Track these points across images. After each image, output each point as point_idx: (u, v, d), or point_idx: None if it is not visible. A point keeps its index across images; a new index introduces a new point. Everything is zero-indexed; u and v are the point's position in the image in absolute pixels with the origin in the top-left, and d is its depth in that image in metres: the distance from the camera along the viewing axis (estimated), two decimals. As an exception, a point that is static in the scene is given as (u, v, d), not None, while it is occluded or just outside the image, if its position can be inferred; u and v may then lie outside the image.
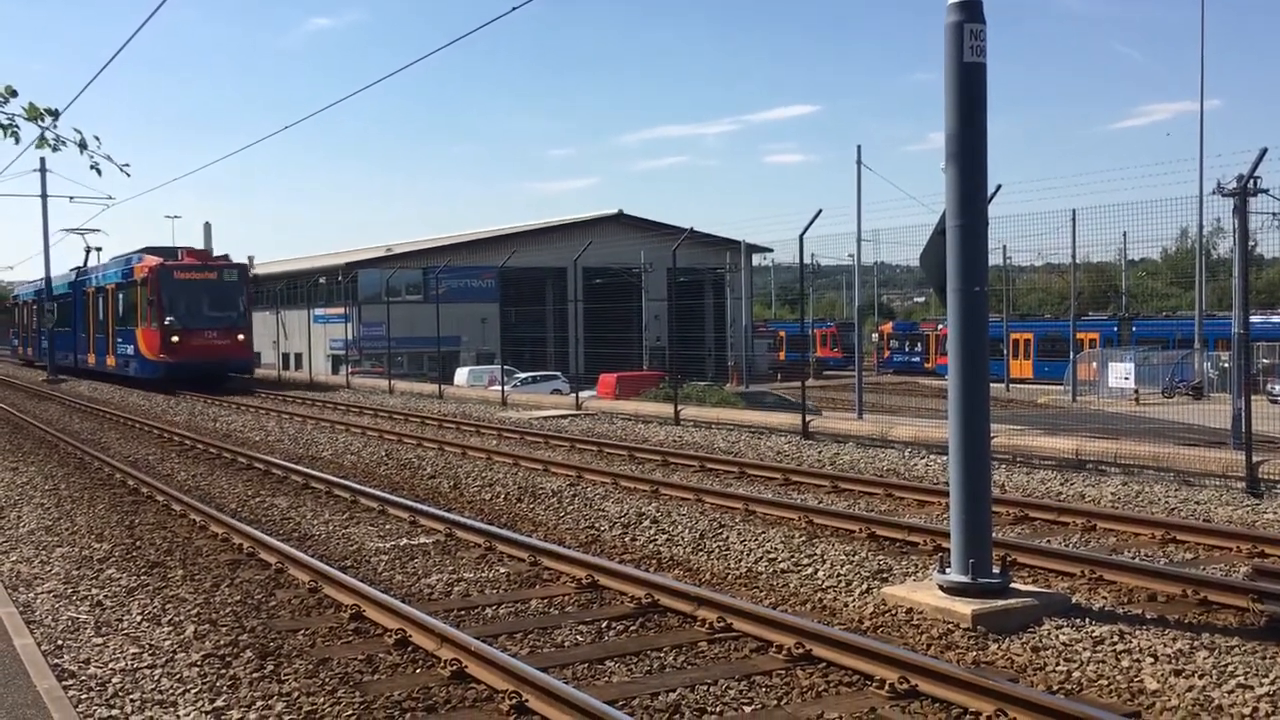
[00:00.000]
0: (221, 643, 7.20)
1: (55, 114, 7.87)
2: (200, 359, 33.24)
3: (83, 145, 8.01)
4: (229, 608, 8.14)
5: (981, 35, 7.55)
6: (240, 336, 34.18)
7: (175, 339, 33.11)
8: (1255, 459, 12.47)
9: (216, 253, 39.77)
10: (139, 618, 7.91)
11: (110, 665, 6.86)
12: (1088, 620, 7.28)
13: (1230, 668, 6.36)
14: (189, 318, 33.58)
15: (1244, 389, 13.53)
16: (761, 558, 9.45)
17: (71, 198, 59.42)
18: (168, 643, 7.26)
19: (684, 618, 7.62)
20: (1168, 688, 6.16)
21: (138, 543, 10.71)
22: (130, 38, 33.73)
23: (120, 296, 37.24)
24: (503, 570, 9.25)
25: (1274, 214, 16.75)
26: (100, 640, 7.39)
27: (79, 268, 46.70)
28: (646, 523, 11.07)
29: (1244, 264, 14.64)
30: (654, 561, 9.60)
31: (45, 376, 43.26)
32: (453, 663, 6.57)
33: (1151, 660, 6.53)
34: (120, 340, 37.10)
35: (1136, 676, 6.34)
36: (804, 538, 10.01)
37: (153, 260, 34.81)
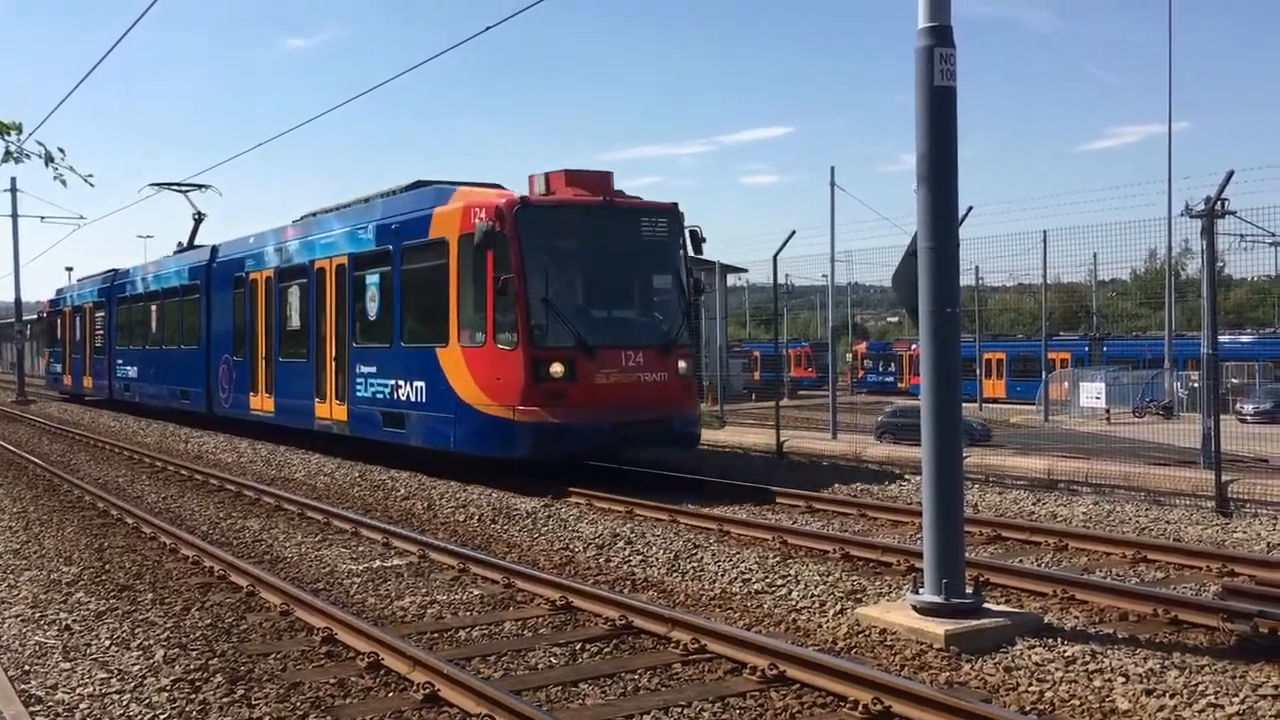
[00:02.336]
0: (191, 667, 7.13)
1: (19, 128, 7.87)
2: (615, 416, 14.81)
3: (48, 159, 8.00)
4: (199, 631, 8.06)
5: (951, 59, 7.62)
6: (681, 364, 15.76)
7: (560, 371, 14.65)
8: (1224, 478, 12.59)
9: None
10: (108, 642, 7.83)
11: (78, 691, 6.78)
12: (1060, 640, 7.31)
13: (1201, 687, 6.40)
14: (588, 322, 15.21)
15: (1213, 409, 13.65)
16: (736, 578, 9.44)
17: (43, 217, 59.07)
18: (137, 668, 7.18)
19: (658, 639, 7.60)
20: (1139, 707, 6.20)
21: (107, 566, 10.61)
22: (103, 56, 33.13)
23: (390, 281, 17.33)
24: (476, 592, 9.21)
25: (1241, 235, 16.93)
26: (68, 665, 7.31)
27: (183, 247, 31.31)
28: (621, 544, 11.05)
29: (1212, 285, 14.76)
30: (628, 583, 9.59)
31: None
32: (425, 686, 6.53)
33: (1123, 680, 6.57)
34: (398, 375, 17.01)
35: (1108, 696, 6.37)
36: (778, 558, 10.02)
37: (488, 196, 15.60)
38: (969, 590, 7.64)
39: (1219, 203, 14.28)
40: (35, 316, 48.63)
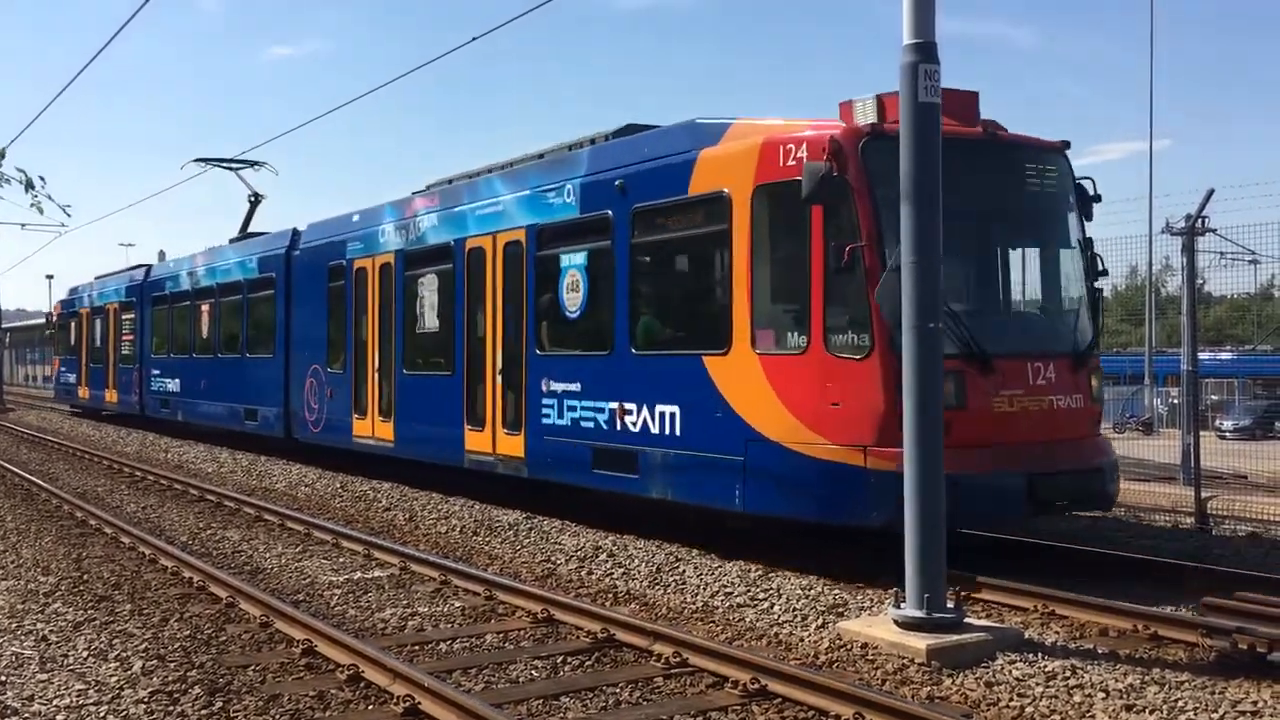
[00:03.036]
0: (170, 679, 7.07)
1: (2, 154, 7.85)
2: (1029, 464, 9.56)
3: (28, 185, 7.97)
4: (178, 643, 8.01)
5: (935, 76, 7.66)
6: (1094, 382, 10.46)
7: (949, 391, 8.90)
8: (1204, 494, 12.65)
9: None
10: (85, 653, 7.76)
11: (55, 702, 6.71)
12: (1040, 655, 7.34)
13: (1180, 703, 6.43)
14: (977, 318, 10.14)
15: (1194, 425, 13.73)
16: (718, 592, 9.43)
17: (24, 225, 58.58)
18: (114, 679, 7.12)
19: (640, 653, 7.59)
20: (1119, 723, 6.21)
21: (85, 576, 10.53)
22: (86, 65, 32.92)
23: (608, 260, 12.37)
24: (458, 604, 9.18)
25: (1221, 253, 17.05)
26: (45, 676, 7.24)
27: (241, 235, 25.53)
28: (603, 556, 11.03)
29: (1192, 302, 14.87)
30: (610, 595, 9.57)
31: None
32: (406, 699, 6.49)
33: (1103, 695, 6.59)
34: (624, 395, 11.95)
35: (1088, 712, 6.39)
36: (760, 571, 10.01)
37: (794, 128, 10.21)
38: (950, 605, 7.64)
39: (1199, 220, 14.40)
40: (45, 320, 43.53)
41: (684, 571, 10.20)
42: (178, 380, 26.11)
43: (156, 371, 27.52)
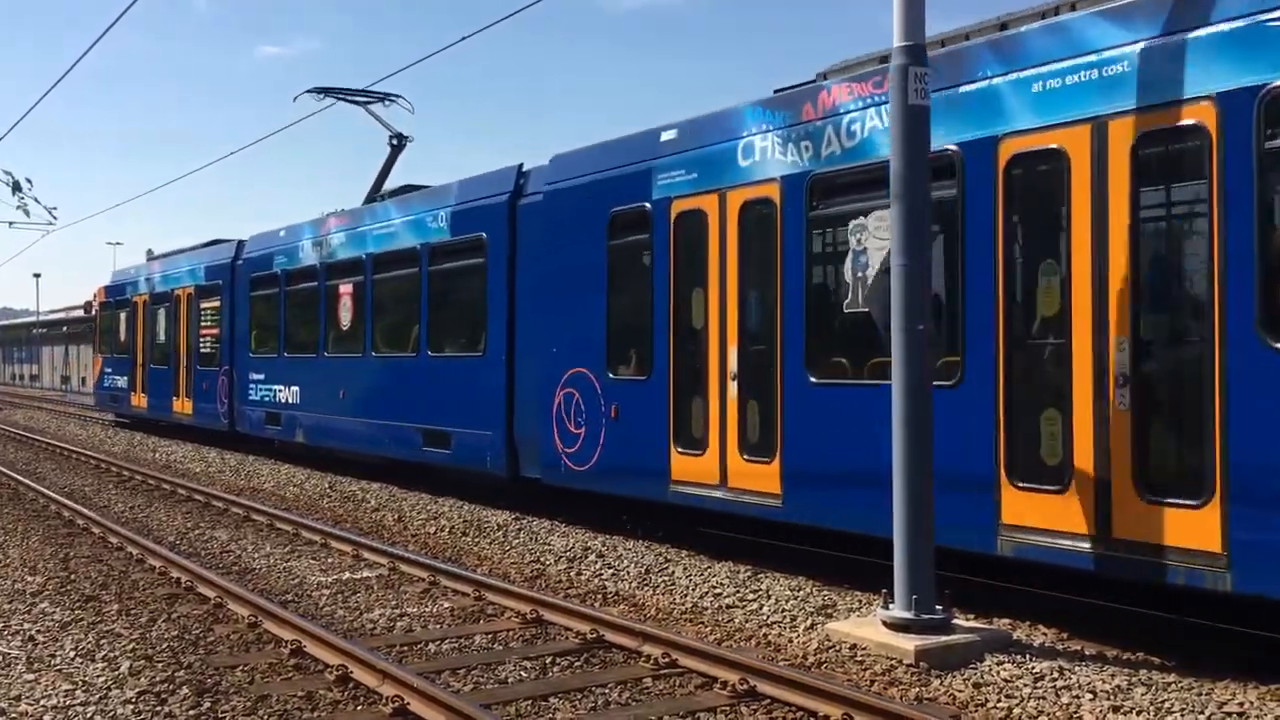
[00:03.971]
0: (157, 679, 7.06)
1: None
2: None
3: (15, 187, 7.91)
4: (166, 643, 7.99)
5: (925, 79, 7.68)
6: None
7: None
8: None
9: None
10: (72, 653, 7.74)
11: (42, 703, 6.69)
12: (1028, 656, 7.36)
13: (1167, 704, 6.46)
14: None
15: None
16: (707, 593, 9.45)
17: (11, 223, 58.35)
18: (102, 679, 7.10)
19: (629, 654, 7.59)
20: (1106, 724, 6.22)
21: (72, 576, 10.49)
22: (75, 63, 32.73)
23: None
24: (446, 605, 9.18)
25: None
26: (32, 676, 7.22)
27: (378, 192, 19.67)
28: (592, 557, 11.04)
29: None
30: (599, 596, 9.57)
31: None
32: (395, 699, 6.49)
33: (1090, 696, 6.61)
34: None
35: (1076, 713, 6.41)
36: (749, 572, 10.03)
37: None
38: (939, 606, 7.66)
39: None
40: (81, 312, 35.43)
41: (673, 572, 10.21)
42: (294, 388, 19.54)
43: (258, 376, 20.97)
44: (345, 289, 18.03)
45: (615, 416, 11.89)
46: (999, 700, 6.63)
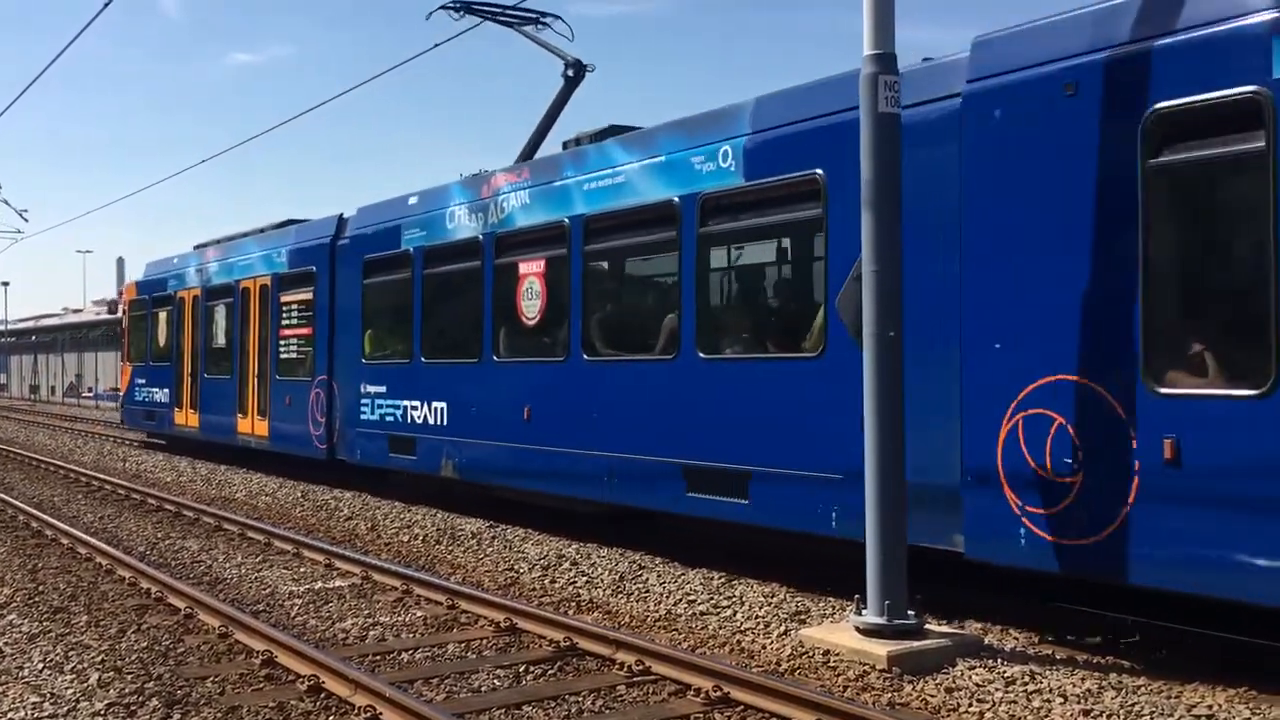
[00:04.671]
0: (127, 691, 7.00)
1: None
2: None
3: None
4: (135, 654, 7.92)
5: (895, 87, 7.72)
6: None
7: None
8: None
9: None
10: (40, 665, 7.66)
11: (9, 715, 6.62)
12: (1000, 660, 7.40)
13: (1138, 707, 6.50)
14: None
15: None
16: (681, 599, 9.45)
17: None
18: (70, 691, 7.04)
19: (602, 661, 7.59)
20: (1077, 727, 6.26)
21: (41, 587, 10.39)
22: (43, 70, 32.46)
23: None
24: (420, 614, 9.14)
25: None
26: (-1, 689, 7.15)
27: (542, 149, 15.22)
28: (566, 564, 11.03)
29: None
30: (573, 604, 9.56)
31: None
32: (367, 709, 6.46)
33: (1061, 700, 6.65)
34: None
35: (1047, 716, 6.45)
36: (723, 579, 10.04)
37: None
38: (911, 611, 7.69)
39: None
40: (108, 308, 28.65)
41: (647, 579, 10.21)
42: (440, 405, 14.50)
43: (376, 389, 16.00)
44: (531, 268, 12.98)
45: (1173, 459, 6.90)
46: (971, 705, 6.66)
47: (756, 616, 8.78)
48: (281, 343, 19.14)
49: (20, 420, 37.86)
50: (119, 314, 28.10)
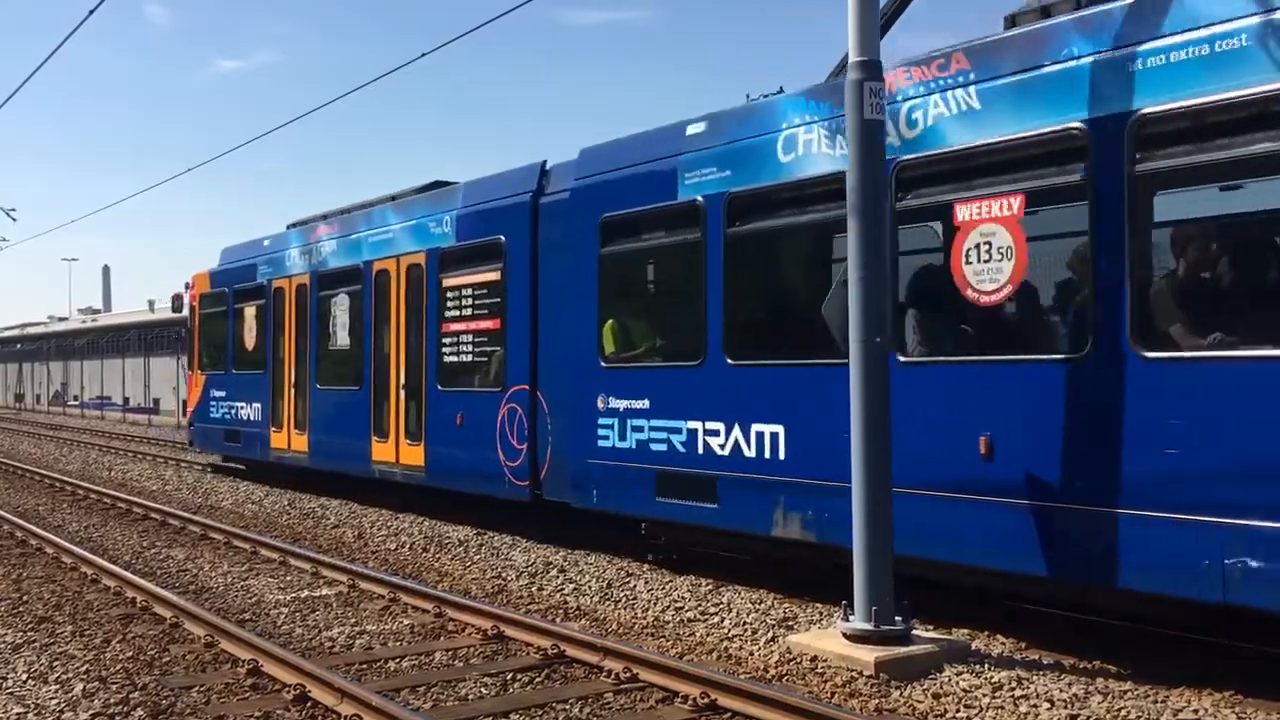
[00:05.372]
0: (111, 701, 6.96)
1: None
2: None
3: None
4: (120, 664, 7.89)
5: (880, 93, 7.75)
6: None
7: None
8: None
9: (114, 297, 25.91)
10: (25, 676, 7.62)
11: (-8, 727, 6.60)
12: (987, 666, 7.42)
13: (1124, 712, 6.53)
14: None
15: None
16: (669, 606, 9.45)
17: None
18: (55, 702, 7.00)
19: (590, 669, 7.58)
20: (1064, 732, 6.28)
21: (25, 597, 10.34)
22: (29, 76, 32.27)
23: None
24: (407, 622, 9.12)
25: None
26: (-18, 700, 7.11)
27: None
28: (554, 572, 11.02)
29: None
30: (561, 611, 9.55)
31: None
32: (353, 718, 6.45)
33: (1048, 705, 6.67)
34: None
35: (1034, 721, 6.46)
36: (710, 586, 10.04)
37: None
38: (898, 617, 7.70)
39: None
40: (172, 305, 24.07)
41: (635, 587, 10.21)
42: (771, 429, 9.67)
43: (627, 403, 11.16)
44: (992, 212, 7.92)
45: None
46: (958, 710, 6.67)
47: (744, 623, 8.78)
48: (445, 341, 14.32)
49: (5, 429, 37.70)
50: (182, 311, 22.86)
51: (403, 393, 15.12)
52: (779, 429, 9.53)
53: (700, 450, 10.25)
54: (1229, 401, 6.67)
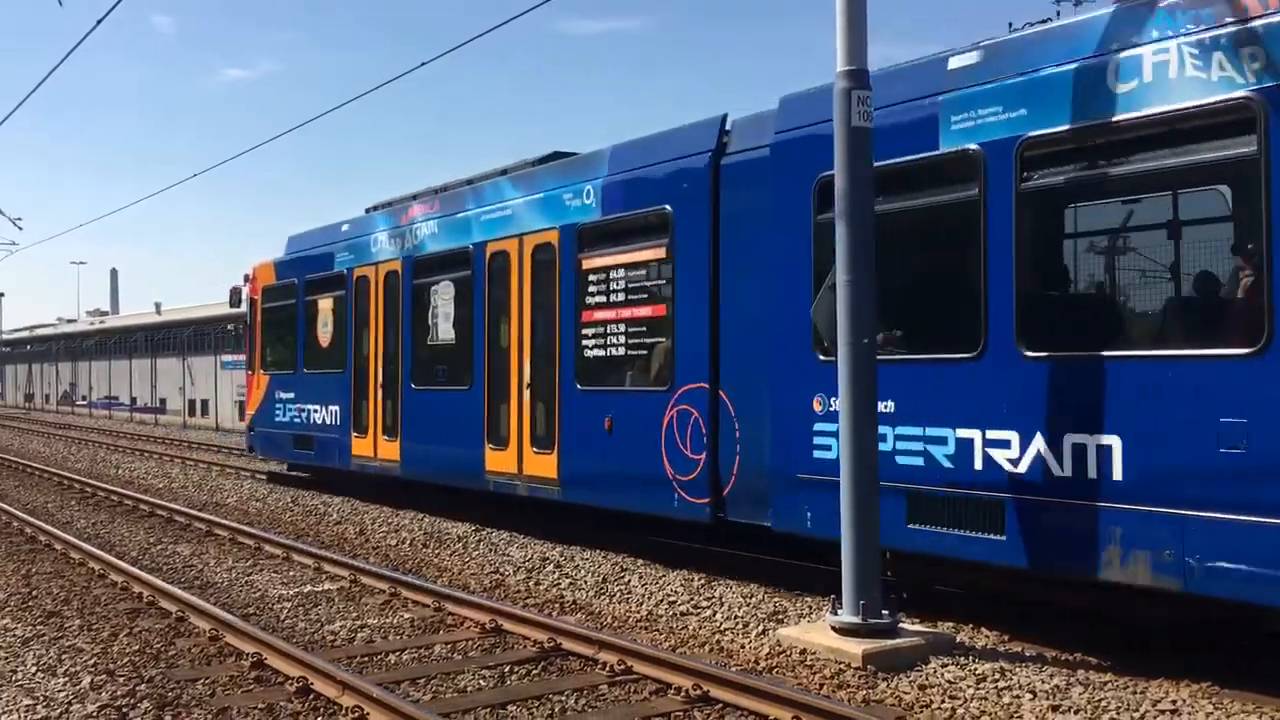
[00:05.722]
0: (119, 693, 7.14)
1: None
2: None
3: None
4: (127, 657, 8.07)
5: (868, 101, 7.91)
6: None
7: None
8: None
9: (122, 299, 26.37)
10: (34, 669, 7.80)
11: (3, 717, 6.77)
12: (971, 658, 7.59)
13: (1104, 703, 6.68)
14: None
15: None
16: (662, 600, 9.62)
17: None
18: (63, 694, 7.18)
19: (586, 661, 7.74)
20: (1044, 722, 6.44)
21: (34, 592, 10.53)
22: (38, 85, 32.51)
23: None
24: (407, 616, 9.30)
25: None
26: (-7, 692, 7.29)
27: None
28: (550, 567, 11.19)
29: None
30: (557, 605, 9.72)
31: None
32: (355, 710, 6.61)
33: (1030, 696, 6.83)
34: None
35: (1016, 712, 6.61)
36: (703, 581, 10.22)
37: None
38: (885, 611, 7.87)
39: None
40: (230, 303, 21.50)
41: (629, 581, 10.38)
42: (1104, 441, 7.46)
43: (930, 408, 8.58)
44: None
45: None
46: (943, 701, 6.83)
47: (735, 617, 8.95)
48: (587, 332, 12.10)
49: (15, 428, 37.92)
50: (239, 305, 21.09)
51: (527, 393, 12.89)
52: (1112, 440, 7.43)
53: (978, 466, 8.18)
54: None
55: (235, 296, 21.11)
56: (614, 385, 11.77)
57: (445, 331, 14.63)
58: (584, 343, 12.08)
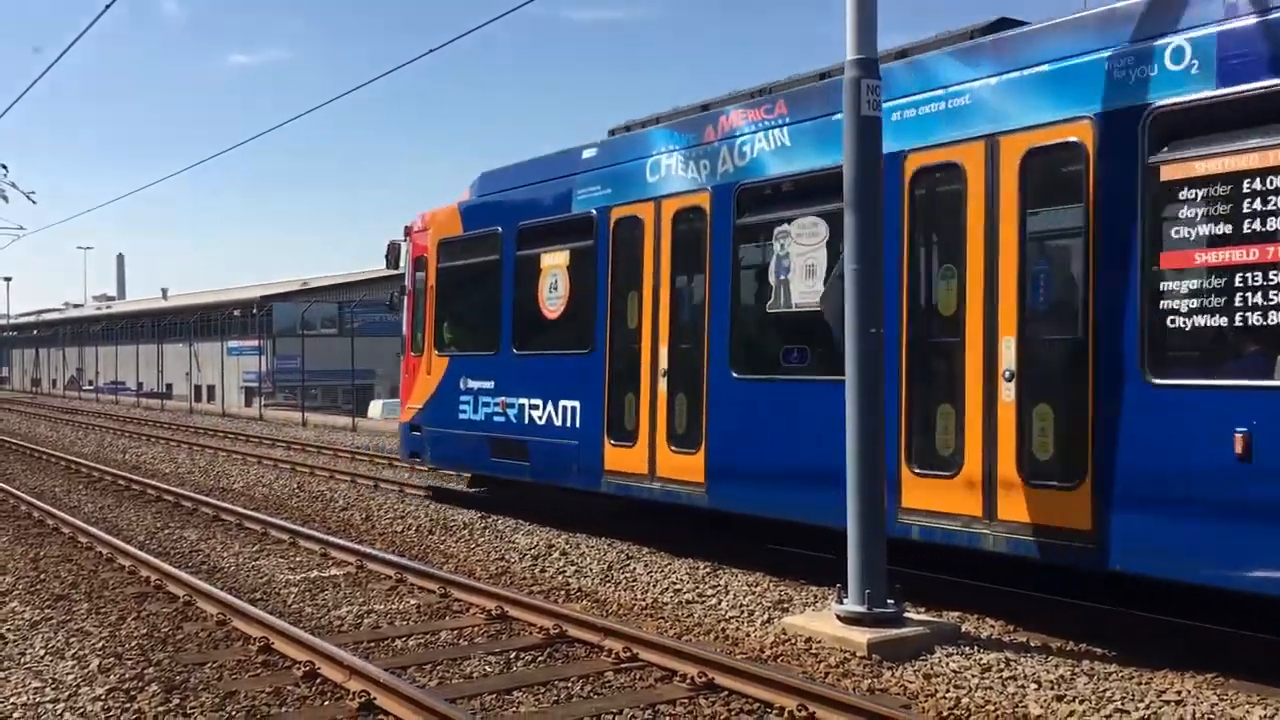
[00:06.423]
0: (127, 676, 7.18)
1: None
2: None
3: None
4: (135, 641, 8.11)
5: (877, 90, 7.89)
6: None
7: None
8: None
9: (128, 285, 25.98)
10: (42, 651, 7.85)
11: (12, 700, 6.81)
12: (976, 648, 7.60)
13: (1109, 693, 6.70)
14: None
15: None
16: (668, 588, 9.65)
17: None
18: (71, 677, 7.22)
19: (591, 648, 7.77)
20: (1050, 712, 6.46)
21: (42, 576, 10.58)
22: (46, 70, 32.40)
23: None
24: (413, 602, 9.33)
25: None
26: (1, 675, 7.32)
27: None
28: (556, 554, 11.22)
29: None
30: (563, 593, 9.75)
31: None
32: (361, 694, 6.64)
33: (1035, 686, 6.84)
34: None
35: (1021, 702, 6.63)
36: (708, 569, 10.24)
37: None
38: (891, 600, 7.88)
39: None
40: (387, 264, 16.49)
41: (634, 569, 10.41)
42: None
43: None
44: None
45: None
46: (948, 690, 6.85)
47: (741, 605, 8.97)
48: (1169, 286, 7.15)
49: (22, 412, 38.03)
50: (399, 265, 16.38)
51: (1010, 388, 7.95)
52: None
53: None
54: None
55: (393, 253, 16.45)
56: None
57: (804, 292, 9.72)
58: (1163, 302, 7.17)
